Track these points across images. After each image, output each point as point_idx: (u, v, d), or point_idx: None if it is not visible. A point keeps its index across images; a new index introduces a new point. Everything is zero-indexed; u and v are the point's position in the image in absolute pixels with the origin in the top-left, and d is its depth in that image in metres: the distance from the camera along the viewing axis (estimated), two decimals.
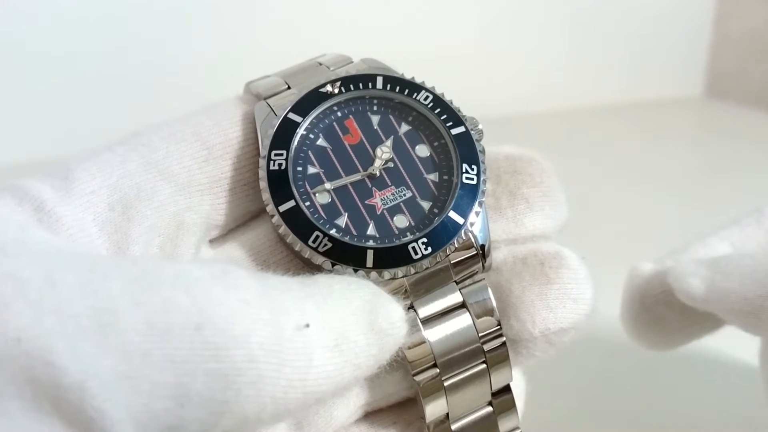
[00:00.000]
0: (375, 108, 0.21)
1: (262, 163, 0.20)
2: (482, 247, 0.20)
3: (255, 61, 0.37)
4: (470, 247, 0.20)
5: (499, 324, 0.20)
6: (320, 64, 0.22)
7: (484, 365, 0.20)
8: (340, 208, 0.20)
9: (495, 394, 0.21)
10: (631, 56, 0.92)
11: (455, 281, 0.20)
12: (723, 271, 0.24)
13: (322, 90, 0.21)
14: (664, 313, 0.27)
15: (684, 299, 0.25)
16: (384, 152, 0.21)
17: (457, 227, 0.20)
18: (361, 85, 0.21)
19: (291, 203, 0.19)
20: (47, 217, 0.17)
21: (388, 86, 0.21)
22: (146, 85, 0.70)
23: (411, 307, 0.19)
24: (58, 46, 0.67)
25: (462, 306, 0.20)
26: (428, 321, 0.20)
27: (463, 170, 0.20)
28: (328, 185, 0.20)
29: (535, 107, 0.85)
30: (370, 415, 0.21)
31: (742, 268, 0.24)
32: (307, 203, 0.20)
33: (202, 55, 0.73)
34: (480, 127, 0.21)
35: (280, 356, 0.15)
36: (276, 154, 0.20)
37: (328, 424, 0.20)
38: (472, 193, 0.20)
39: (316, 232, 0.19)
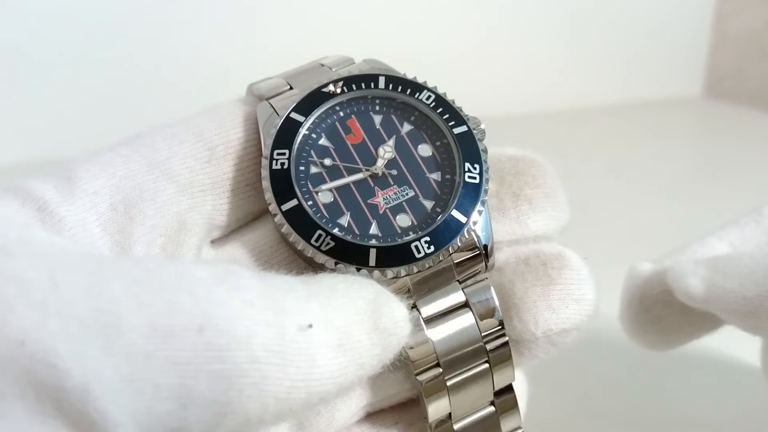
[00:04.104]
0: (377, 108, 0.21)
1: (265, 162, 0.20)
2: (485, 246, 0.20)
3: (257, 63, 0.37)
4: (473, 246, 0.20)
5: (501, 323, 0.20)
6: (322, 66, 0.22)
7: (486, 365, 0.20)
8: (343, 207, 0.20)
9: (497, 394, 0.21)
10: (631, 56, 0.92)
11: (458, 281, 0.20)
12: (722, 271, 0.24)
13: (325, 90, 0.21)
14: (663, 313, 0.27)
15: (683, 299, 0.25)
16: (386, 152, 0.21)
17: (460, 226, 0.20)
18: (363, 84, 0.21)
19: (293, 202, 0.19)
20: (50, 218, 0.17)
21: (391, 86, 0.21)
22: (148, 87, 0.70)
23: (414, 307, 0.19)
24: (60, 48, 0.67)
25: (465, 305, 0.20)
26: (431, 320, 0.20)
27: (466, 169, 0.20)
28: (330, 184, 0.20)
29: (536, 107, 0.85)
30: (371, 416, 0.21)
31: (741, 268, 0.24)
32: (310, 202, 0.20)
33: (204, 57, 0.73)
34: (482, 126, 0.21)
35: (282, 357, 0.15)
36: (278, 154, 0.20)
37: (329, 424, 0.20)
38: (474, 192, 0.20)
39: (319, 231, 0.19)
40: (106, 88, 0.69)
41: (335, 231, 0.19)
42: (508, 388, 0.21)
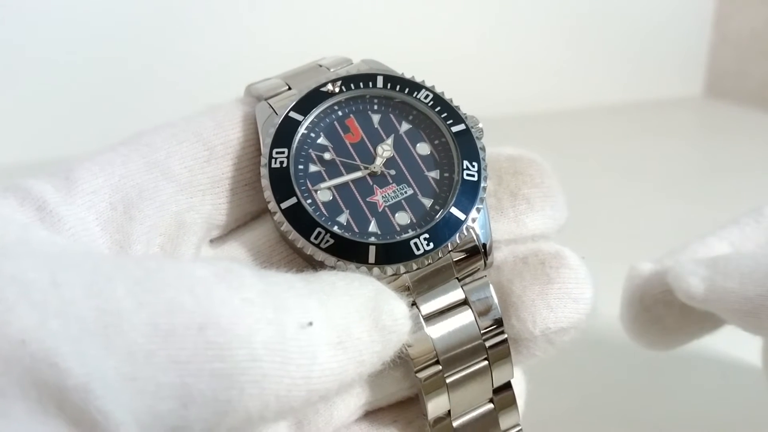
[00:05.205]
0: (375, 107, 0.21)
1: (264, 161, 0.20)
2: (484, 245, 0.20)
3: (255, 64, 0.37)
4: (472, 244, 0.20)
5: (500, 321, 0.20)
6: (320, 66, 0.22)
7: (485, 362, 0.20)
8: (342, 205, 0.20)
9: (496, 391, 0.21)
10: (631, 56, 0.93)
11: (457, 278, 0.20)
12: (722, 271, 0.24)
13: (323, 89, 0.21)
14: (663, 312, 0.27)
15: (683, 299, 0.26)
16: (385, 150, 0.21)
17: (459, 223, 0.20)
18: (361, 84, 0.21)
19: (293, 200, 0.19)
20: (49, 217, 0.17)
21: (389, 85, 0.21)
22: (148, 87, 0.71)
23: (413, 304, 0.20)
24: (60, 48, 0.67)
25: (464, 303, 0.20)
26: (430, 318, 0.20)
27: (464, 167, 0.20)
28: (329, 183, 0.20)
29: (536, 107, 0.85)
30: (370, 414, 0.21)
31: (741, 268, 0.24)
32: (309, 201, 0.20)
33: (204, 57, 0.73)
34: (480, 125, 0.21)
35: (283, 355, 0.15)
36: (277, 152, 0.20)
37: (328, 423, 0.20)
38: (473, 189, 0.20)
39: (318, 229, 0.19)
40: (107, 88, 0.69)
41: (334, 229, 0.19)
42: (507, 385, 0.21)
